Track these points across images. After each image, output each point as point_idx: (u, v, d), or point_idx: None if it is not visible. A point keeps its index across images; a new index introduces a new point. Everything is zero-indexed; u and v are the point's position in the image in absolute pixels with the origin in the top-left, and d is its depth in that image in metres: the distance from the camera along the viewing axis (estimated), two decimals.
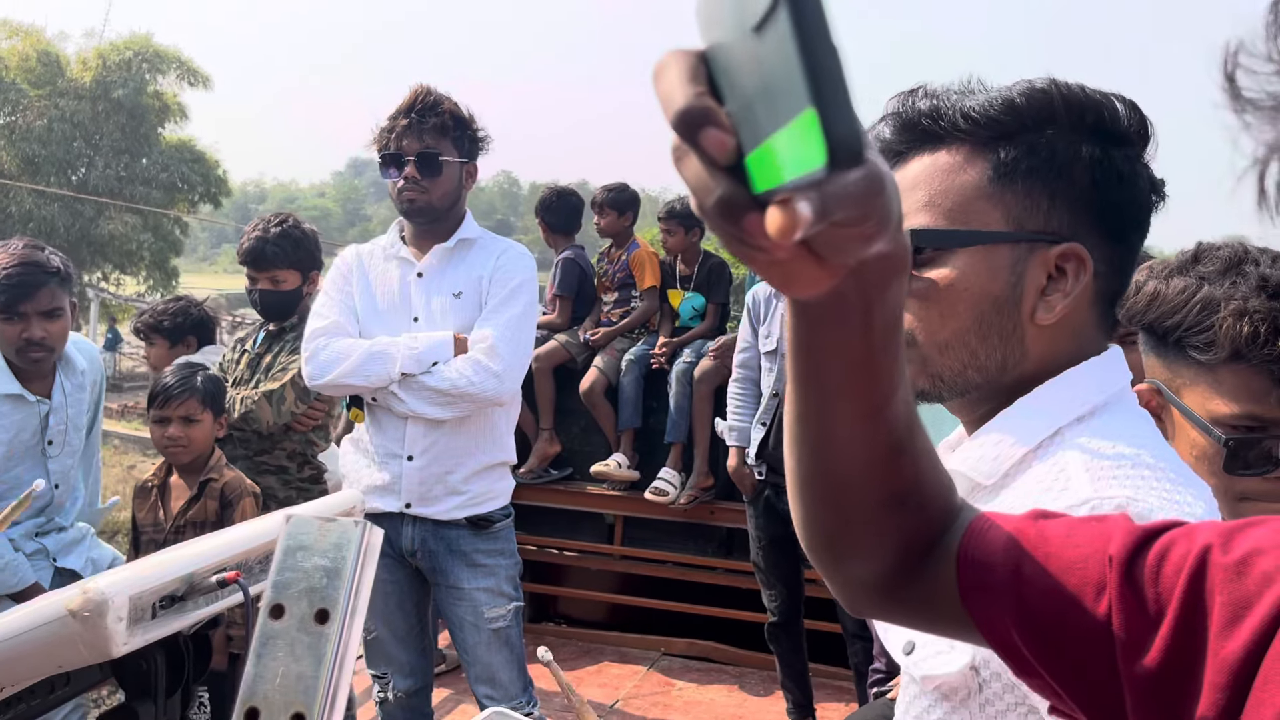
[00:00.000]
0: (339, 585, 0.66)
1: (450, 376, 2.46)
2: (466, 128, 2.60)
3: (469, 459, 2.56)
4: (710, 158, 0.45)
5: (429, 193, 2.53)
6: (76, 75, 20.66)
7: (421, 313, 2.58)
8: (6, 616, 1.17)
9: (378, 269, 2.66)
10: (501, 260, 2.59)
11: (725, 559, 4.63)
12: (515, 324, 2.55)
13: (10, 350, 2.65)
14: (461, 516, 2.56)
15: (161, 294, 23.37)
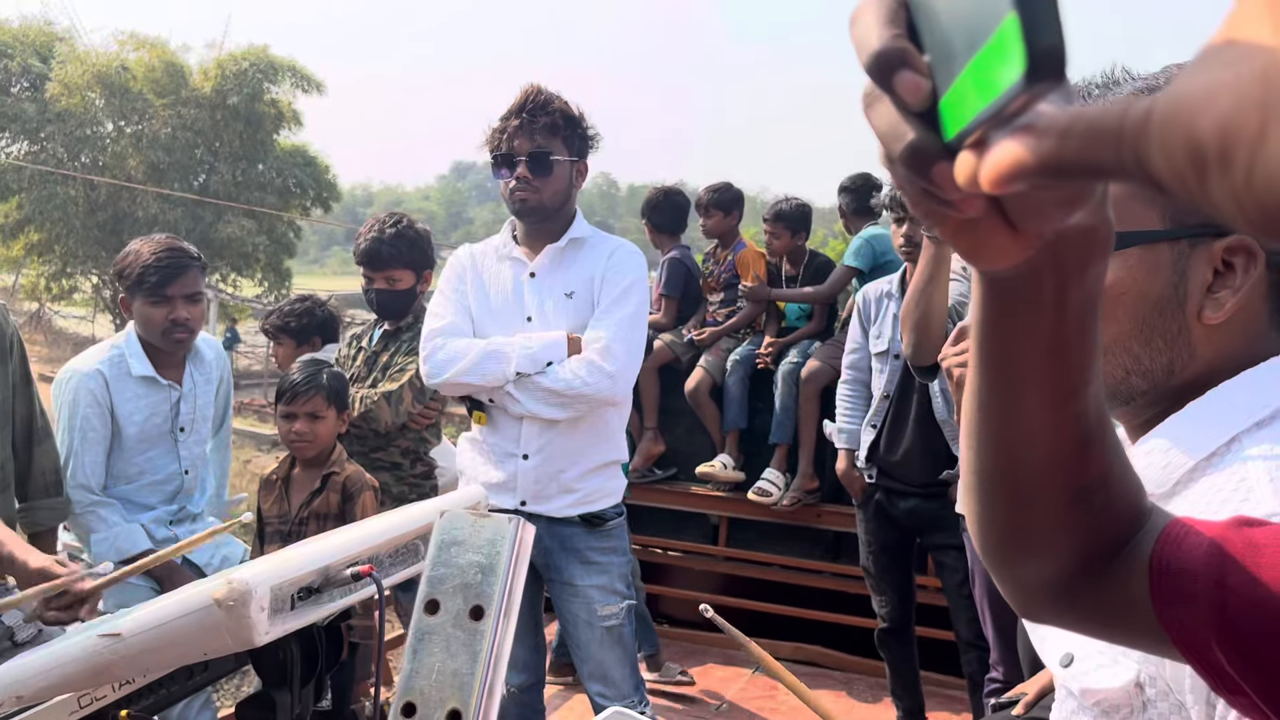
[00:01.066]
0: (493, 582, 0.66)
1: (565, 377, 2.48)
2: (577, 126, 2.60)
3: (582, 458, 2.58)
4: (903, 102, 0.43)
5: (540, 192, 2.55)
6: (198, 85, 21.53)
7: (535, 313, 2.60)
8: (157, 604, 1.22)
9: (490, 269, 2.68)
10: (613, 260, 2.60)
11: (832, 562, 4.57)
12: (628, 324, 2.55)
13: (155, 332, 2.78)
14: (575, 514, 2.58)
15: (276, 295, 24.21)
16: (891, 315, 3.34)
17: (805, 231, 4.74)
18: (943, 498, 3.31)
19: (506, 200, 2.63)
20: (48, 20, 22.83)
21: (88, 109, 21.09)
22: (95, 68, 20.83)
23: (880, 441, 3.39)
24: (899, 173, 0.45)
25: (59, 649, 1.24)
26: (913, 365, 2.75)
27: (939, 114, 0.43)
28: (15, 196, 20.74)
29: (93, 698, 1.35)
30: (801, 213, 4.69)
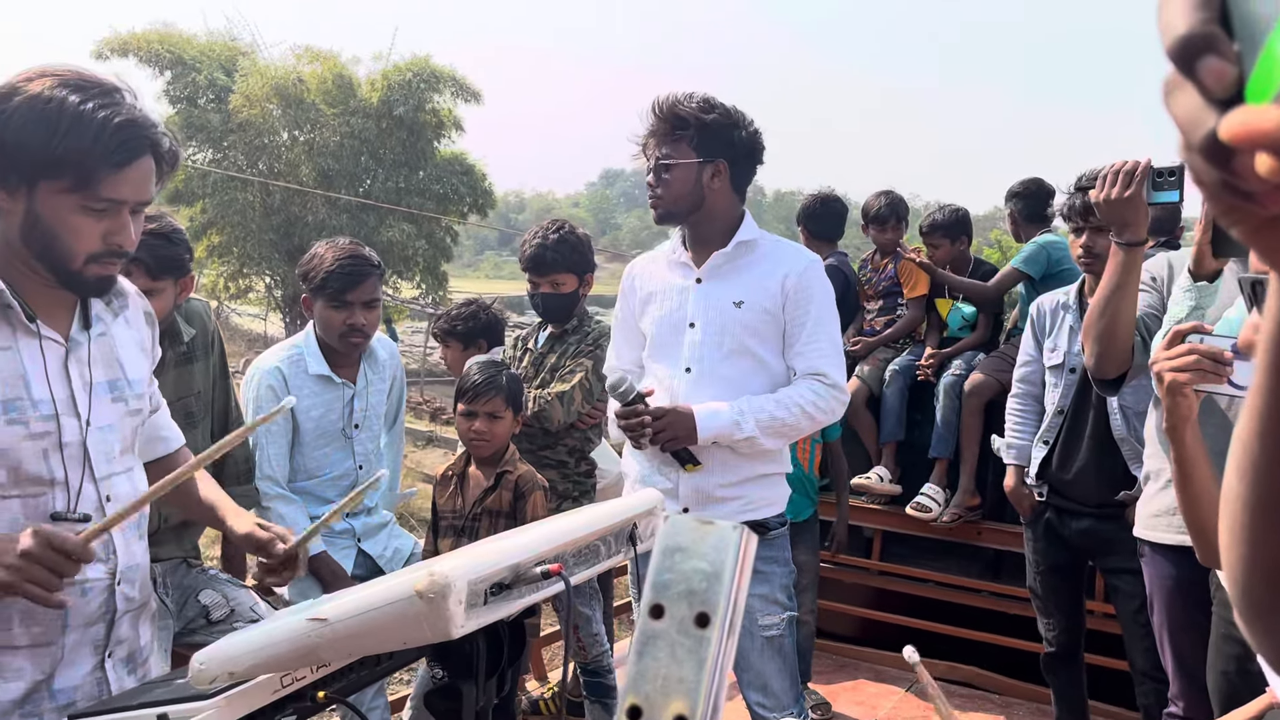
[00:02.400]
0: (719, 589, 0.66)
1: (800, 404, 2.48)
2: (707, 127, 2.53)
3: (744, 467, 2.56)
4: (1206, 89, 0.41)
5: (663, 198, 2.54)
6: (365, 96, 22.54)
7: (699, 319, 2.58)
8: (360, 592, 1.28)
9: (659, 276, 2.69)
10: (805, 275, 2.54)
11: (992, 581, 4.42)
12: (837, 339, 2.58)
13: (333, 335, 2.92)
14: (739, 521, 2.56)
15: (433, 298, 25.09)
16: (1068, 327, 3.21)
17: (966, 237, 4.60)
18: (1119, 519, 3.15)
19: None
20: (232, 36, 24.33)
21: (266, 119, 22.36)
22: (274, 80, 22.07)
23: (1052, 458, 3.26)
24: (1196, 164, 0.42)
25: (269, 629, 1.31)
26: (1095, 378, 2.62)
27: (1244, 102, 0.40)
28: (200, 201, 22.17)
29: (293, 678, 1.42)
30: (957, 219, 4.55)
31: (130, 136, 1.49)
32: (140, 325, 1.80)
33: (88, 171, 1.47)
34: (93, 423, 1.63)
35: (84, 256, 1.54)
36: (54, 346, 1.60)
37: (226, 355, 2.87)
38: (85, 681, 1.64)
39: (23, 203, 1.51)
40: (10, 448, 1.52)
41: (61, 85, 1.47)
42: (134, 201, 1.54)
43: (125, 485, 1.70)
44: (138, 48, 22.03)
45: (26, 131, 1.45)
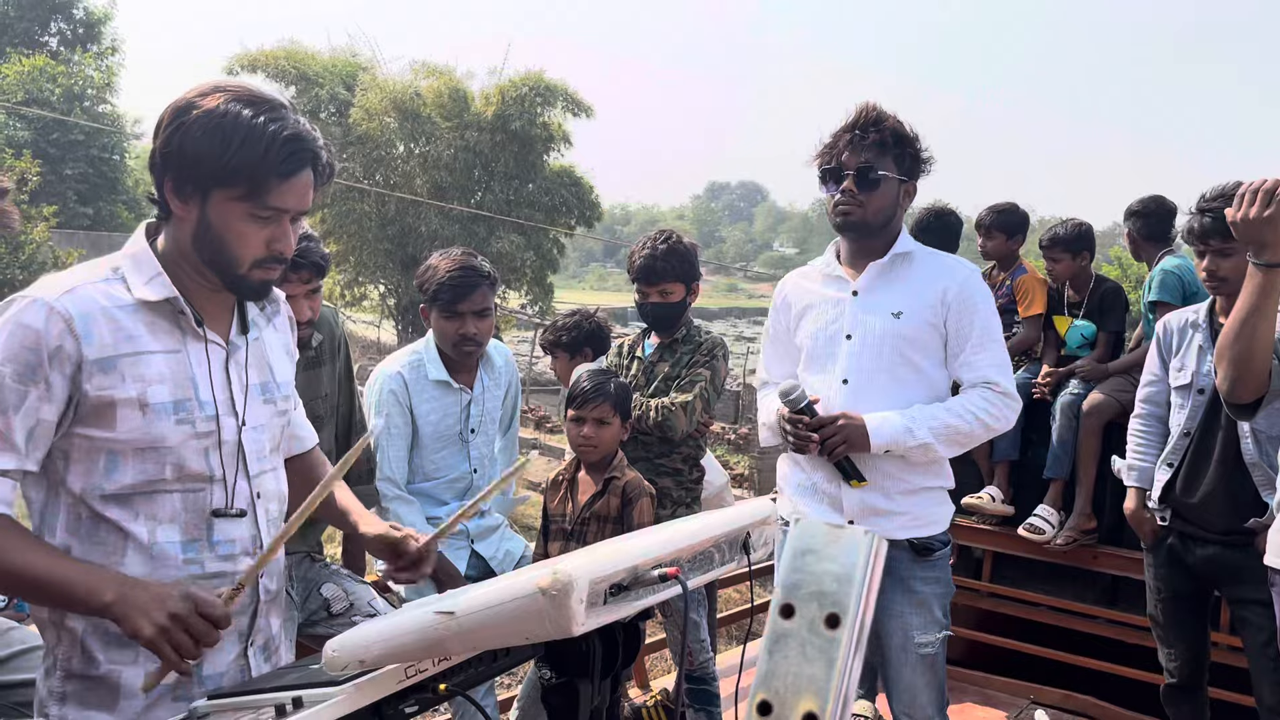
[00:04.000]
0: (849, 592, 0.68)
1: (975, 412, 2.49)
2: (908, 146, 2.58)
3: (911, 480, 2.56)
4: None
5: (864, 207, 2.54)
6: (480, 109, 23.07)
7: (856, 331, 2.58)
8: (486, 588, 1.33)
9: (814, 290, 2.71)
10: (966, 286, 2.55)
11: (1109, 608, 4.27)
12: (1004, 348, 2.59)
13: (448, 344, 3.02)
14: (904, 537, 2.55)
15: (540, 308, 25.47)
16: (1196, 346, 3.09)
17: (1089, 252, 4.46)
18: (1247, 547, 3.02)
19: (830, 215, 2.65)
20: (353, 52, 25.21)
21: (383, 132, 23.08)
22: (392, 94, 22.77)
23: (1177, 482, 3.14)
24: None
25: (399, 620, 1.37)
26: (1229, 402, 2.53)
27: None
28: (320, 211, 23.00)
29: (417, 670, 1.48)
30: (1079, 233, 4.42)
31: (296, 149, 1.59)
32: (285, 330, 1.91)
33: (258, 181, 1.57)
34: (248, 422, 1.73)
35: (249, 262, 1.64)
36: (217, 350, 1.71)
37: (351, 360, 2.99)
38: (230, 668, 1.74)
39: (196, 210, 1.62)
40: (177, 446, 1.62)
41: (234, 100, 1.57)
42: (295, 210, 1.65)
43: (272, 482, 1.80)
44: (266, 64, 23.00)
45: (204, 144, 1.56)
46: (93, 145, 24.29)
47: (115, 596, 1.50)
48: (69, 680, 1.64)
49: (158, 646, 1.48)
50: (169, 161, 1.61)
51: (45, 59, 24.56)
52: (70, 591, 1.52)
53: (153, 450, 1.60)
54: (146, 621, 1.48)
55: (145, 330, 1.62)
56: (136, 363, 1.60)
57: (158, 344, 1.63)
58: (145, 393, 1.59)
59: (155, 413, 1.60)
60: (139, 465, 1.60)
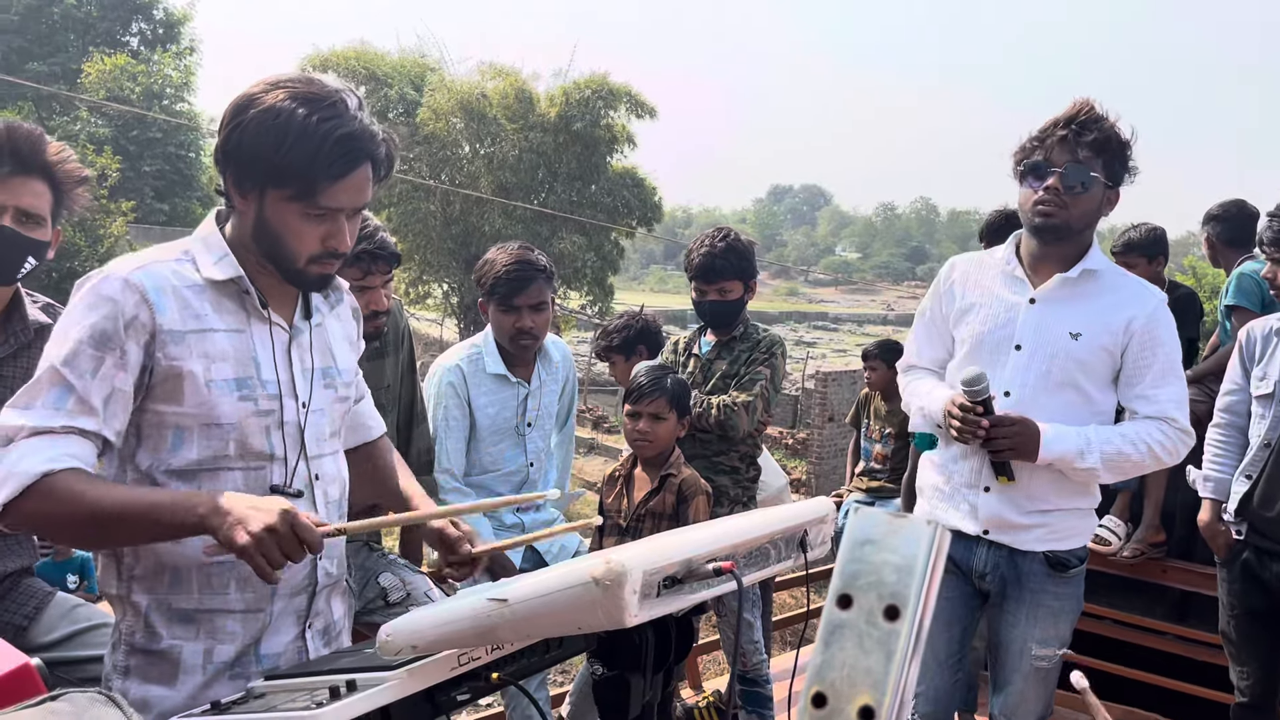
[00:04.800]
0: (909, 583, 0.65)
1: (1148, 442, 2.36)
2: (1122, 151, 2.40)
3: (1052, 497, 2.44)
4: None
5: (1067, 209, 2.35)
6: (545, 111, 23.24)
7: (1028, 343, 2.42)
8: (540, 576, 1.32)
9: (986, 285, 2.52)
10: (1154, 318, 2.41)
11: (1177, 624, 4.15)
12: (1184, 383, 2.45)
13: (505, 337, 3.03)
14: (1041, 550, 2.45)
15: (600, 308, 25.54)
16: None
17: (1163, 257, 4.33)
18: None
19: (1024, 213, 2.42)
20: (422, 53, 25.56)
21: (450, 132, 23.35)
22: (459, 95, 23.03)
23: (1254, 494, 3.04)
24: None
25: (452, 607, 1.37)
26: None
27: None
28: (386, 210, 23.34)
29: (470, 658, 1.48)
30: (1154, 237, 4.28)
31: (349, 149, 1.59)
32: (348, 319, 1.94)
33: (309, 182, 1.59)
34: (308, 405, 1.75)
35: (305, 258, 1.67)
36: (280, 332, 1.74)
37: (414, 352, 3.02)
38: (288, 649, 1.76)
39: (254, 206, 1.65)
40: (240, 422, 1.65)
41: (291, 98, 1.59)
42: (349, 208, 1.66)
43: (331, 466, 1.83)
44: (336, 64, 23.40)
45: (259, 143, 1.58)
46: (170, 143, 24.93)
47: (209, 509, 1.50)
48: (132, 654, 1.68)
49: (249, 555, 1.48)
50: (229, 158, 1.64)
51: (126, 58, 25.28)
52: (159, 515, 1.52)
53: (216, 426, 1.63)
54: (242, 529, 1.48)
55: (211, 309, 1.66)
56: (202, 339, 1.63)
57: (222, 323, 1.66)
58: (210, 369, 1.62)
59: (218, 389, 1.63)
60: (204, 441, 1.63)
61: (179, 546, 1.64)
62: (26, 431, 1.52)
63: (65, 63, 25.88)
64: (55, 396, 1.55)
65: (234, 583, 1.68)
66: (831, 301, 71.49)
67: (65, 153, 2.17)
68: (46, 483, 1.49)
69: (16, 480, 1.49)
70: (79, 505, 1.50)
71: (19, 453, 1.51)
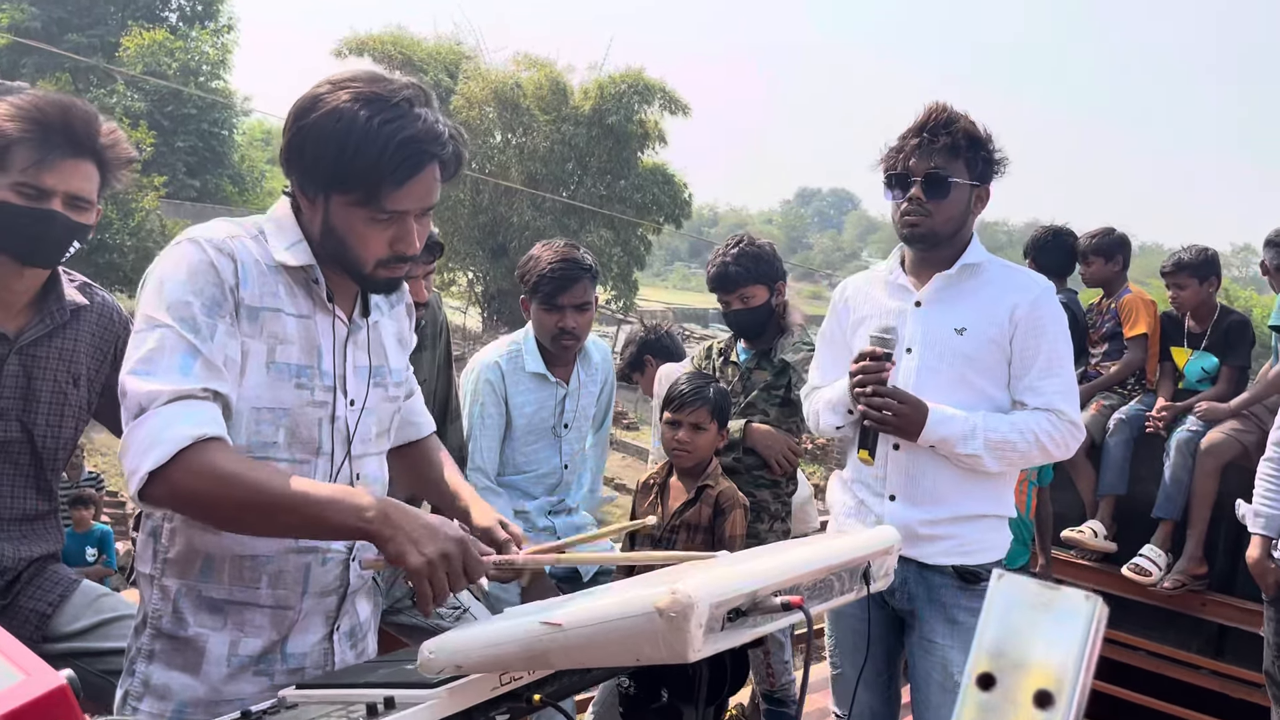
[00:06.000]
0: (1066, 665, 0.57)
1: (1035, 431, 2.31)
2: (981, 148, 2.38)
3: (959, 504, 2.38)
4: None
5: (932, 216, 2.34)
6: (578, 104, 23.20)
7: (917, 344, 2.41)
8: (597, 601, 1.25)
9: (874, 298, 2.53)
10: (1037, 305, 2.34)
11: (1215, 659, 4.04)
12: (1073, 374, 2.39)
13: (546, 337, 2.96)
14: (949, 564, 2.38)
15: (624, 303, 25.48)
16: None
17: (1215, 279, 4.23)
18: None
19: (896, 224, 2.45)
20: (458, 41, 25.57)
21: (482, 121, 23.35)
22: (493, 84, 23.02)
23: None
24: None
25: (503, 628, 1.30)
26: None
27: None
28: None
29: (510, 678, 1.41)
30: (1205, 258, 4.20)
31: (412, 152, 1.52)
32: (402, 317, 1.88)
33: (373, 187, 1.52)
34: (358, 402, 1.69)
35: (373, 262, 1.61)
36: (340, 326, 1.68)
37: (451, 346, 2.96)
38: (314, 649, 1.70)
39: (320, 210, 1.59)
40: (293, 410, 1.59)
41: (355, 99, 1.52)
42: (417, 209, 1.59)
43: (374, 466, 1.76)
44: (373, 48, 23.47)
45: (322, 147, 1.52)
46: (204, 120, 25.04)
47: (379, 517, 1.44)
48: (158, 639, 1.63)
49: (419, 578, 1.42)
50: (293, 163, 1.58)
51: (165, 33, 25.41)
52: (323, 511, 1.45)
53: (269, 411, 1.58)
54: (415, 550, 1.42)
55: (284, 291, 1.61)
56: (274, 319, 1.58)
57: (293, 307, 1.61)
58: (275, 350, 1.57)
59: (278, 372, 1.58)
60: (254, 426, 1.57)
61: (214, 534, 1.58)
62: (166, 396, 1.43)
63: (104, 35, 26.04)
64: (181, 360, 1.47)
65: (266, 577, 1.62)
66: None
67: (117, 134, 2.10)
68: (197, 453, 1.41)
69: (165, 447, 1.40)
70: (238, 486, 1.42)
71: (163, 419, 1.42)
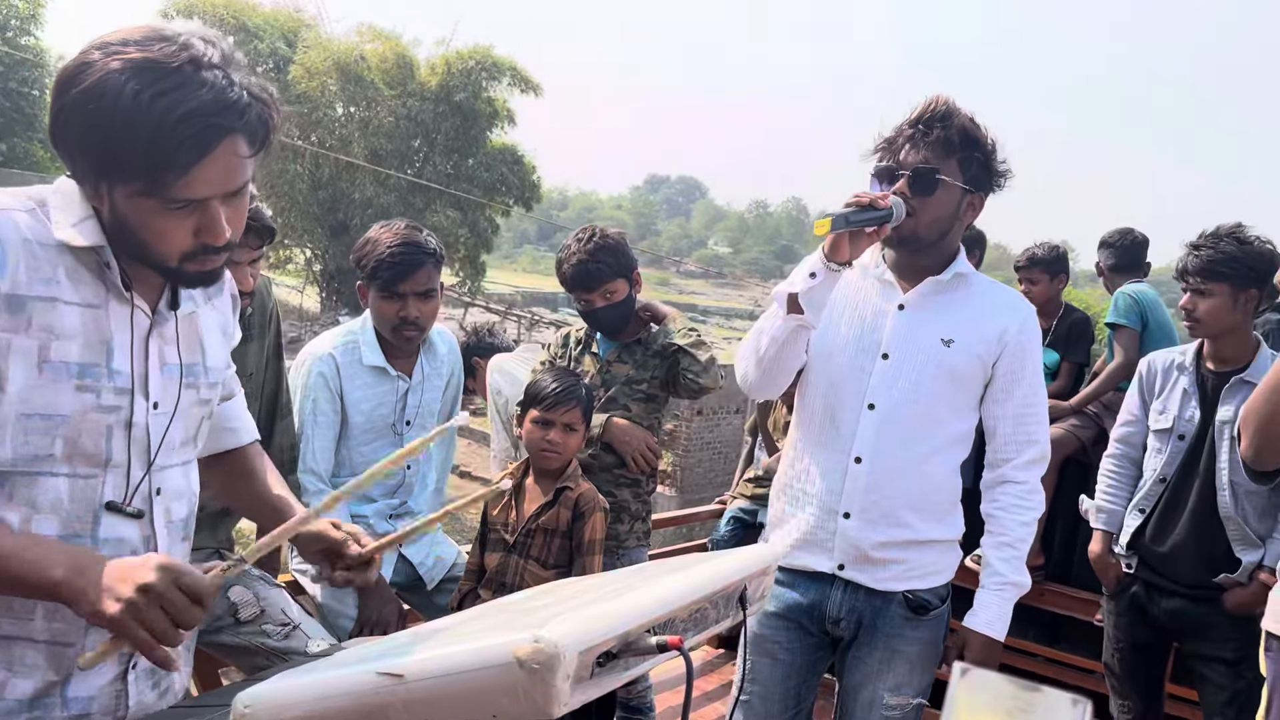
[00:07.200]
0: None
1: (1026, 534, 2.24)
2: (978, 150, 2.16)
3: (909, 528, 2.22)
4: None
5: (916, 215, 2.14)
6: (425, 79, 22.53)
7: (896, 351, 2.22)
8: (447, 646, 1.08)
9: (854, 283, 2.29)
10: (1026, 329, 2.23)
11: (1049, 647, 4.18)
12: (1047, 423, 2.30)
13: (386, 327, 2.72)
14: (900, 589, 2.24)
15: (470, 287, 24.97)
16: (1180, 390, 2.97)
17: (1065, 275, 4.36)
18: (1214, 601, 2.90)
19: None
20: (297, 8, 24.40)
21: (323, 93, 22.37)
22: (335, 55, 22.08)
23: (1147, 528, 3.01)
24: None
25: (331, 678, 1.11)
26: (1250, 468, 2.39)
27: None
28: None
29: None
30: (1057, 255, 4.32)
31: (197, 130, 1.26)
32: (226, 309, 1.63)
33: (155, 175, 1.26)
34: (161, 406, 1.45)
35: (178, 256, 1.35)
36: (140, 318, 1.42)
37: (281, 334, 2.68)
38: (102, 692, 1.45)
39: (105, 201, 1.32)
40: (73, 417, 1.33)
41: (125, 68, 1.24)
42: (219, 194, 1.33)
43: (179, 479, 1.52)
44: (204, 11, 22.12)
45: (85, 131, 1.26)
46: (12, 78, 23.09)
47: (67, 571, 1.22)
48: None
49: (126, 627, 1.20)
50: (59, 146, 1.31)
51: None
52: (8, 567, 1.24)
53: (41, 419, 1.31)
54: (110, 598, 1.20)
55: (66, 277, 1.33)
56: (49, 310, 1.30)
57: (77, 295, 1.34)
58: (49, 346, 1.30)
59: (54, 372, 1.31)
60: (22, 436, 1.30)
61: None
62: None
63: None
64: None
65: (41, 608, 1.36)
66: (702, 294, 72.10)
67: None
68: None
69: None
70: None
71: None
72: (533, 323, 27.60)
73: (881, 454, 2.21)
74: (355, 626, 2.64)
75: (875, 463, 2.21)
